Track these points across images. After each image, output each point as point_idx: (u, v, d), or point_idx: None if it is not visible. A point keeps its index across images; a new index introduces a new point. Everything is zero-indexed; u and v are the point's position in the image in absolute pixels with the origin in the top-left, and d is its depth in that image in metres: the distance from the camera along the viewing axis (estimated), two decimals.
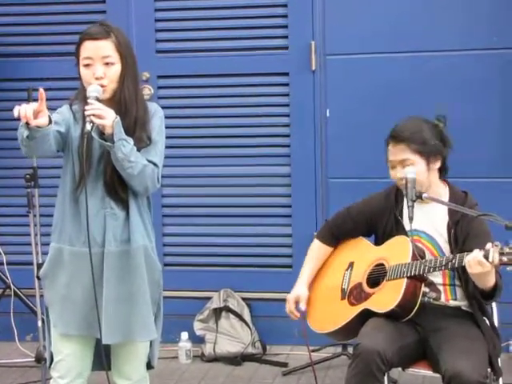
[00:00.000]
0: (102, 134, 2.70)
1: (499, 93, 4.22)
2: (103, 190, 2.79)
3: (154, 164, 2.78)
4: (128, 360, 2.92)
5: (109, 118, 2.67)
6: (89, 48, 2.76)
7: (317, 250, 3.35)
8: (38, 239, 4.09)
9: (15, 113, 2.53)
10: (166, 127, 2.91)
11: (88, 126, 2.65)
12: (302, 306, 3.24)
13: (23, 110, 2.52)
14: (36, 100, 2.59)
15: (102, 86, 2.74)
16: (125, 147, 2.68)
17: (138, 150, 2.75)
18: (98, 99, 2.70)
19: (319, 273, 3.35)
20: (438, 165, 3.10)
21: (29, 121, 2.52)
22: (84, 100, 2.73)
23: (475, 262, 2.80)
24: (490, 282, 2.89)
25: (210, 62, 4.46)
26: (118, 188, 2.78)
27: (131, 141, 2.72)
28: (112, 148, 2.68)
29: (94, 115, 2.65)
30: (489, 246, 2.80)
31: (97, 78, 2.74)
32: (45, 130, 2.57)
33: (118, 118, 2.69)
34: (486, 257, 2.78)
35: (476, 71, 4.21)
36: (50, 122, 2.59)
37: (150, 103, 2.91)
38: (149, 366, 3.00)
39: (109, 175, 2.77)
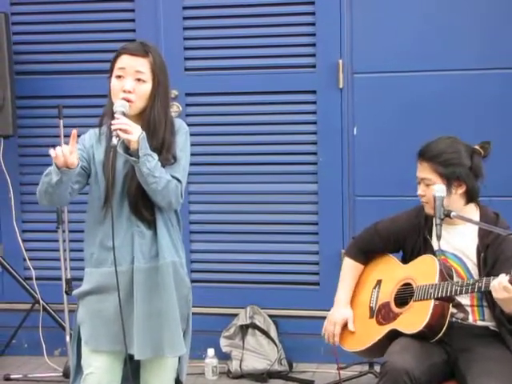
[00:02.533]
0: (127, 149, 2.73)
1: None
2: (128, 209, 2.82)
3: (178, 180, 2.79)
4: (157, 375, 2.94)
5: (135, 133, 2.69)
6: (125, 61, 2.79)
7: (349, 267, 3.35)
8: (66, 254, 4.14)
9: (51, 153, 2.61)
10: (194, 144, 2.92)
11: (114, 140, 2.67)
12: (351, 327, 3.21)
13: (59, 150, 2.60)
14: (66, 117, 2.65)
15: (129, 101, 2.76)
16: (150, 162, 2.70)
17: (163, 166, 2.77)
18: (124, 114, 2.73)
19: None
20: (460, 191, 3.06)
21: (66, 158, 2.60)
22: (111, 115, 2.77)
23: (500, 287, 2.76)
24: None
25: (237, 80, 4.48)
26: (142, 208, 2.81)
27: (156, 156, 2.74)
28: (137, 163, 2.70)
29: (120, 129, 2.68)
30: None
31: (124, 91, 2.77)
32: (73, 171, 2.65)
33: (144, 133, 2.71)
34: None
35: (499, 89, 4.20)
36: (78, 163, 2.67)
37: (174, 119, 2.92)
38: (178, 381, 3.01)
39: (132, 196, 2.80)
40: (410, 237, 3.18)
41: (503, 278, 2.76)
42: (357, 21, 4.32)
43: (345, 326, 3.26)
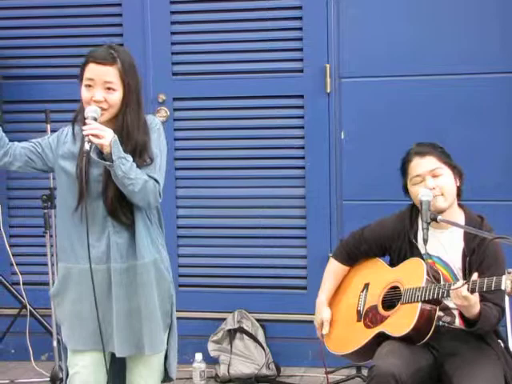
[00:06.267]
0: (101, 153, 2.73)
1: (506, 116, 4.23)
2: (104, 210, 2.81)
3: (155, 180, 2.79)
4: (141, 376, 2.94)
5: (107, 138, 2.70)
6: (92, 70, 2.78)
7: (333, 269, 3.36)
8: (53, 259, 4.12)
9: None
10: (182, 149, 2.93)
11: (87, 146, 2.69)
12: (325, 330, 3.22)
13: None
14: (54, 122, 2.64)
15: (102, 110, 2.77)
16: (124, 165, 2.70)
17: (139, 167, 2.77)
18: (95, 119, 2.73)
19: (336, 293, 3.36)
20: (458, 182, 3.14)
21: None
22: (82, 120, 2.77)
23: (460, 295, 2.81)
24: (475, 311, 2.90)
25: (225, 85, 4.48)
26: (120, 213, 2.80)
27: (130, 158, 2.74)
28: (111, 167, 2.70)
29: (92, 135, 2.68)
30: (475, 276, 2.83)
31: (95, 101, 2.77)
32: None
33: (116, 136, 2.71)
34: (474, 290, 2.80)
35: (485, 95, 4.23)
36: None
37: (146, 116, 2.90)
38: (167, 378, 3.00)
39: (111, 202, 2.79)
40: (396, 241, 3.18)
41: (463, 288, 2.81)
42: (344, 25, 4.33)
43: (331, 325, 3.27)
